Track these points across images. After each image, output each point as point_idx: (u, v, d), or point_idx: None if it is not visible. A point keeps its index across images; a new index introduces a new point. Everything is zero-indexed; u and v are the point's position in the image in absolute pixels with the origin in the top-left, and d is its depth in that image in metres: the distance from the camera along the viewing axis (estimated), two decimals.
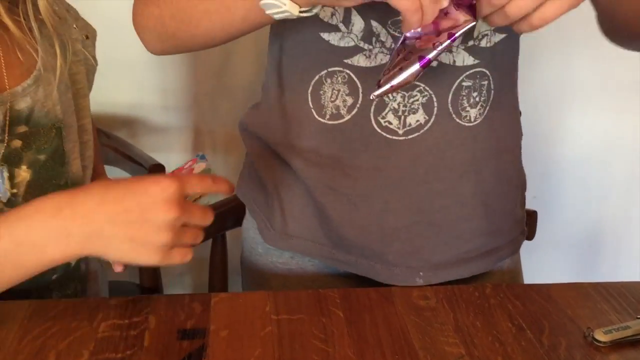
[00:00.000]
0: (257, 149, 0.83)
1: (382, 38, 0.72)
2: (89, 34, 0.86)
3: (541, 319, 0.69)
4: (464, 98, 0.75)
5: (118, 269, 0.71)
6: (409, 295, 0.73)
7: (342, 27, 0.73)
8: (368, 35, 0.72)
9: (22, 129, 0.75)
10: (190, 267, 1.55)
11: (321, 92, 0.75)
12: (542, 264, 1.42)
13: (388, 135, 0.75)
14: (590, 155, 1.53)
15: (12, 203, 0.74)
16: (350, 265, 0.80)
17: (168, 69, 1.39)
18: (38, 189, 0.76)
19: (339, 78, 0.74)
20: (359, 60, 0.73)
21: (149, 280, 1.36)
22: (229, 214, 1.13)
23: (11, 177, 0.74)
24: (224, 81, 1.40)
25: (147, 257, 0.59)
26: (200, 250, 1.13)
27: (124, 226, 0.57)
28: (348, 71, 0.74)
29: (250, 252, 0.88)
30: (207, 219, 0.61)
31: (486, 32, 0.74)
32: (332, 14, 0.73)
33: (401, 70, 0.59)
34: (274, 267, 0.84)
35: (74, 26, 0.84)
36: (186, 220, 0.59)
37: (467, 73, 0.74)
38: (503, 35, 0.75)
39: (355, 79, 0.74)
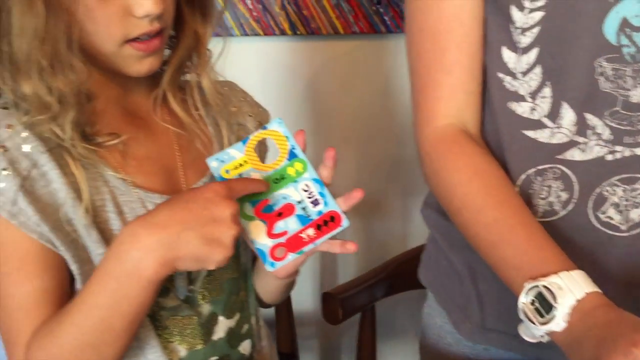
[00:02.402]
0: (451, 236, 0.81)
1: (599, 130, 0.69)
2: (263, 120, 0.87)
3: None
4: None
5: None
6: None
7: (547, 122, 0.70)
8: (582, 128, 0.69)
9: None
10: (318, 330, 1.55)
11: (530, 191, 0.73)
12: None
13: (609, 231, 0.71)
14: None
15: (190, 299, 0.75)
16: (556, 352, 0.77)
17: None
18: (214, 280, 0.77)
19: (550, 174, 0.72)
20: (573, 155, 0.70)
21: (286, 345, 1.37)
22: (378, 285, 1.14)
23: (189, 273, 0.75)
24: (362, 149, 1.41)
25: (221, 253, 0.63)
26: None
27: (198, 227, 0.62)
28: (560, 166, 0.71)
29: (436, 341, 0.86)
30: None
31: None
32: (533, 109, 0.71)
33: None
34: (465, 358, 0.82)
35: (250, 115, 0.86)
36: None
37: None
38: None
39: (570, 174, 0.71)
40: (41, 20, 0.61)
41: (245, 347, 0.82)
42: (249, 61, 1.29)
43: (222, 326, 0.78)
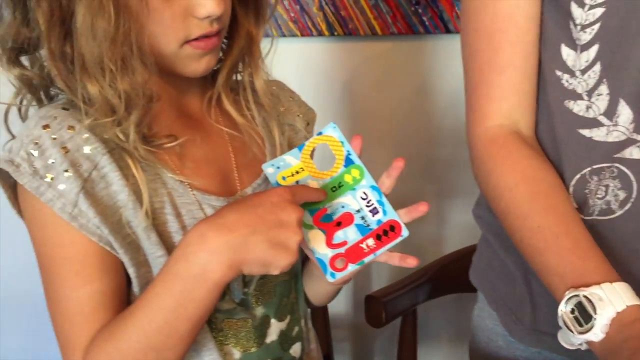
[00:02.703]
0: (504, 237, 0.79)
1: None
2: (310, 120, 0.87)
3: None
4: None
5: None
6: None
7: (603, 120, 0.69)
8: None
9: None
10: (351, 333, 1.54)
11: (586, 190, 0.71)
12: None
13: None
14: None
15: (244, 302, 0.74)
16: None
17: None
18: (267, 283, 0.76)
19: (607, 173, 0.70)
20: (632, 153, 0.69)
21: (321, 347, 1.36)
22: (420, 288, 1.13)
23: (244, 277, 0.74)
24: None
25: (286, 258, 0.62)
26: (359, 315, 1.12)
27: (265, 231, 0.61)
28: (618, 165, 0.70)
29: (487, 343, 0.85)
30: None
31: None
32: (588, 107, 0.69)
33: None
34: None
35: (298, 115, 0.85)
36: None
37: None
38: None
39: (628, 172, 0.70)
40: (112, 22, 0.60)
41: (295, 349, 0.81)
42: (286, 62, 1.28)
43: (275, 329, 0.77)
